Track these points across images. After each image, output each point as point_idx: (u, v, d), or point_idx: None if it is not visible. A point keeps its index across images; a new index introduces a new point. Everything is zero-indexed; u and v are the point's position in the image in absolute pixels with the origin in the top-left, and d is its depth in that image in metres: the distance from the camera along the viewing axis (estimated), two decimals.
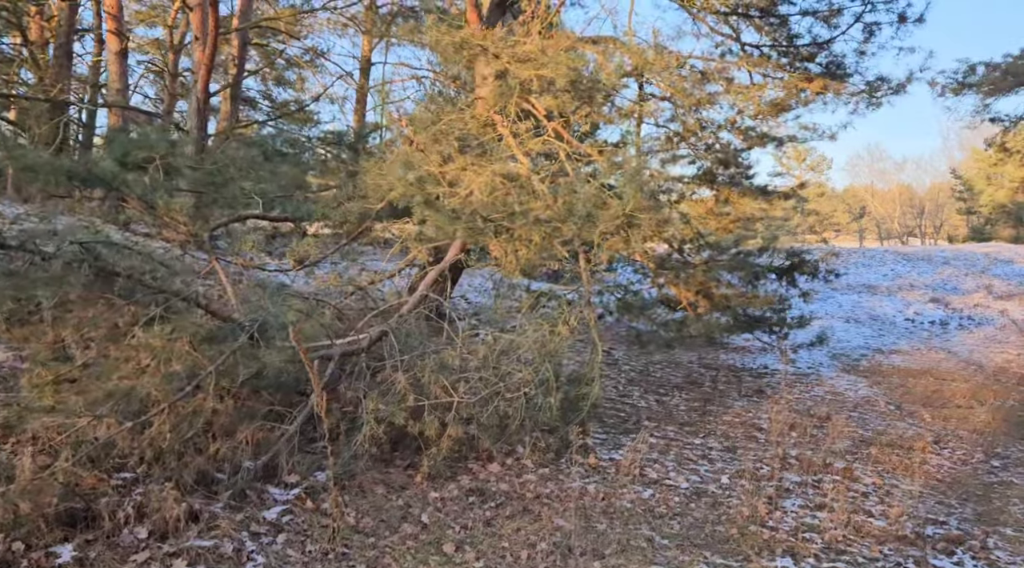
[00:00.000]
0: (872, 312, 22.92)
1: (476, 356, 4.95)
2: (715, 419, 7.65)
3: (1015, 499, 5.45)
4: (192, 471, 3.54)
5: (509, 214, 4.87)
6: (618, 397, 8.26)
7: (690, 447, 6.47)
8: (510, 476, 4.94)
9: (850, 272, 30.68)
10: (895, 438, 7.19)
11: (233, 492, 3.67)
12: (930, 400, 9.64)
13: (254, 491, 3.82)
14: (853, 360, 12.98)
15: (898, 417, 8.39)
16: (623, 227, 4.86)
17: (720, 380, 9.97)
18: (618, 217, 4.71)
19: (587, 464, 5.49)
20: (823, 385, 10.29)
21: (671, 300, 11.44)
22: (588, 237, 4.92)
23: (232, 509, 3.60)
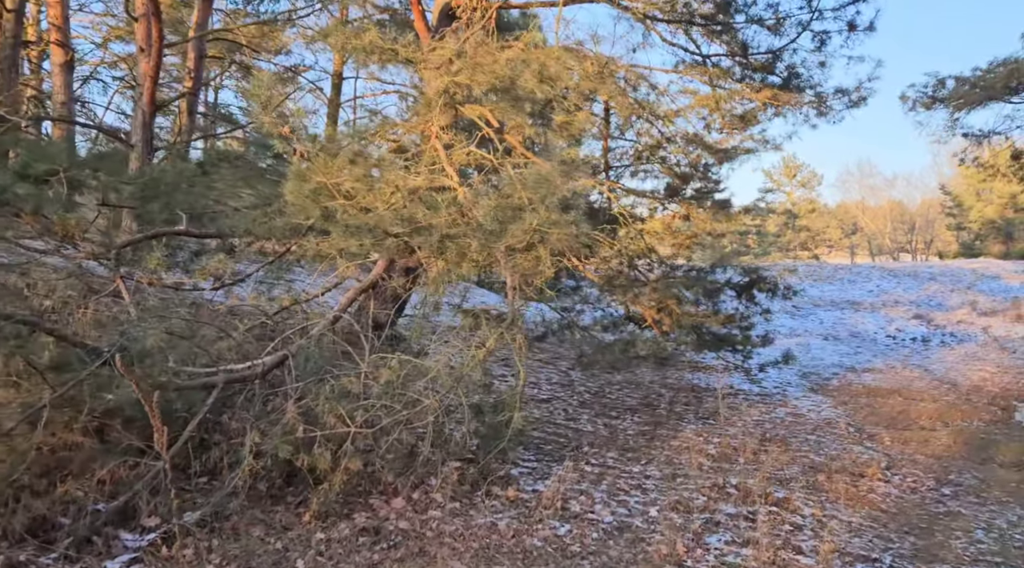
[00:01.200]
0: (853, 329, 22.71)
1: (378, 382, 4.62)
2: (662, 444, 7.33)
3: (959, 532, 5.13)
4: (23, 517, 3.20)
5: (415, 228, 4.57)
6: (564, 421, 7.93)
7: (626, 476, 6.14)
8: (414, 512, 4.60)
9: (835, 288, 30.52)
10: (847, 464, 6.87)
11: (75, 540, 3.33)
12: (894, 421, 9.33)
13: (102, 537, 3.48)
14: (823, 379, 12.68)
15: (856, 440, 8.08)
16: (533, 243, 4.56)
17: (679, 402, 9.65)
18: (526, 232, 4.42)
19: (505, 497, 5.15)
20: (786, 406, 9.97)
21: (635, 318, 11.16)
22: (492, 253, 4.62)
23: (67, 561, 3.26)
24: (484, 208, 4.51)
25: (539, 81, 5.12)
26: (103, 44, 20.69)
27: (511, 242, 4.48)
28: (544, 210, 4.26)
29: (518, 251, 4.62)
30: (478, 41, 5.67)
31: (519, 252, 4.63)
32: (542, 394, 9.07)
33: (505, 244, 4.47)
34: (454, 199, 5.24)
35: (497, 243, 4.44)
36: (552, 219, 4.36)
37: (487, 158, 5.78)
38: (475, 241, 4.47)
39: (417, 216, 4.56)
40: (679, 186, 10.89)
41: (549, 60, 5.07)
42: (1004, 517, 5.44)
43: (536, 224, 4.34)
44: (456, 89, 5.46)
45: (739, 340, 10.46)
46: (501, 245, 4.47)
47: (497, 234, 4.42)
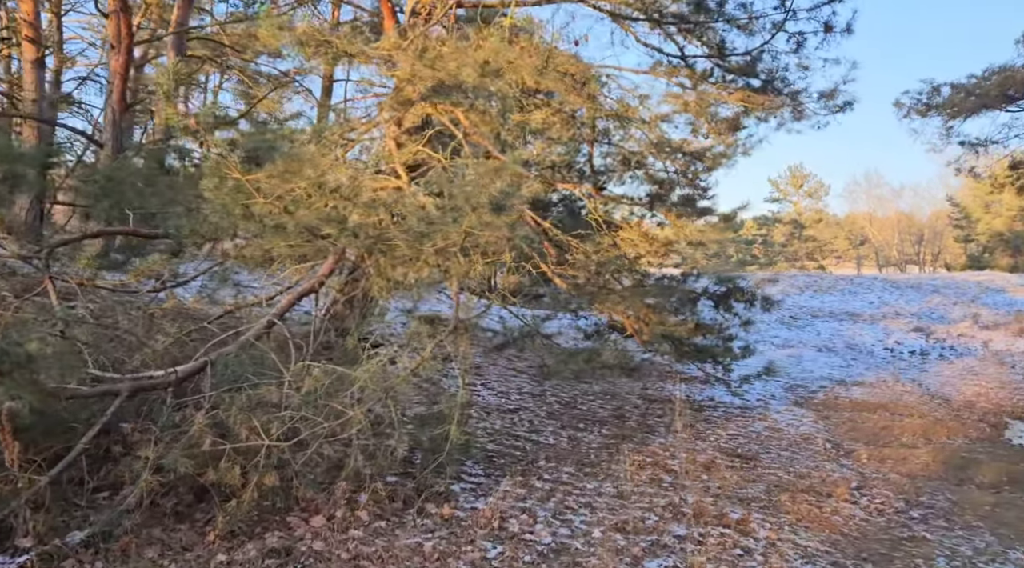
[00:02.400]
0: (850, 341, 22.34)
1: (299, 393, 4.37)
2: (625, 459, 7.03)
3: (919, 559, 4.82)
4: None
5: (343, 230, 4.32)
6: (526, 432, 7.65)
7: (578, 493, 5.86)
8: (333, 532, 4.33)
9: (835, 299, 30.16)
10: (816, 482, 6.57)
11: None
12: (875, 438, 9.01)
13: None
14: (810, 392, 12.36)
15: (831, 457, 7.77)
16: (467, 246, 4.30)
17: (653, 414, 9.35)
18: (458, 234, 4.15)
19: (440, 515, 4.88)
20: (766, 419, 9.66)
21: (617, 327, 10.88)
22: (416, 256, 4.36)
23: None
24: (410, 207, 4.26)
25: (480, 75, 4.87)
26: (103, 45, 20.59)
27: (441, 244, 4.22)
28: (473, 211, 4.00)
29: (452, 254, 4.36)
30: (426, 36, 5.44)
31: (454, 255, 4.37)
32: (509, 404, 8.80)
33: (434, 246, 4.21)
34: (398, 200, 5.00)
35: (424, 244, 4.18)
36: (484, 220, 4.10)
37: (434, 157, 5.53)
38: (402, 243, 4.21)
39: (349, 217, 4.31)
40: (660, 193, 10.63)
41: (490, 54, 4.83)
42: (971, 543, 5.13)
43: (467, 226, 4.08)
44: (407, 85, 5.22)
45: (719, 351, 10.17)
46: (429, 247, 4.21)
47: (425, 236, 4.16)
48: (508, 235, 4.29)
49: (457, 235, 4.15)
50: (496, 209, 4.06)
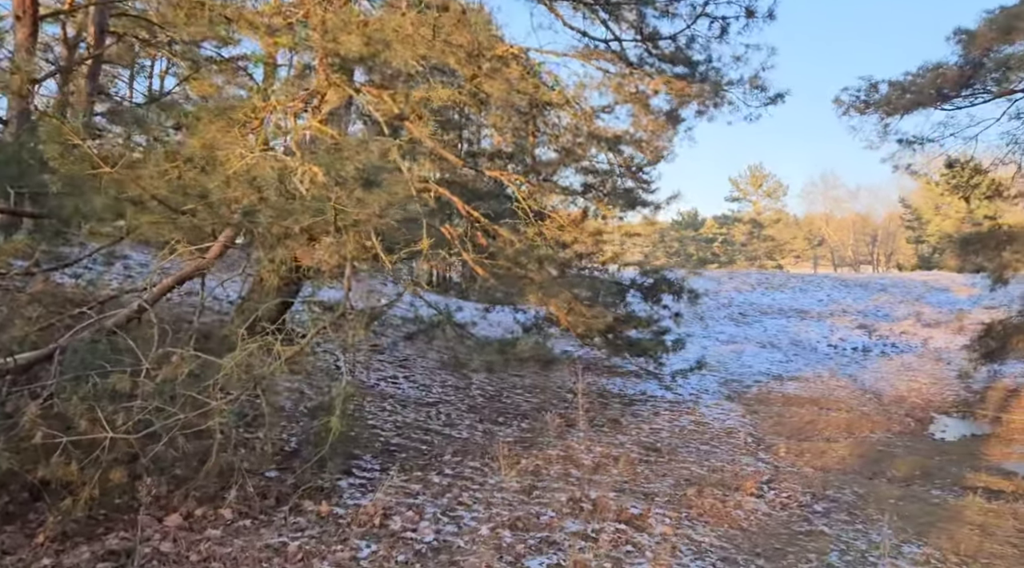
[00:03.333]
0: (796, 337, 22.52)
1: (153, 381, 4.05)
2: (538, 453, 6.83)
3: (813, 554, 4.69)
4: None
5: (208, 206, 4.00)
6: (441, 426, 7.40)
7: (478, 488, 5.63)
8: (189, 532, 4.03)
9: (786, 296, 30.46)
10: (727, 476, 6.43)
11: None
12: (799, 432, 8.96)
13: None
14: (744, 387, 12.32)
15: (750, 451, 7.66)
16: (338, 225, 4.01)
17: (579, 407, 9.17)
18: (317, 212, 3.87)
19: (317, 512, 4.60)
20: (694, 414, 9.55)
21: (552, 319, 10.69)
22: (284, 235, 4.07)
23: None
24: (267, 182, 3.95)
25: (364, 44, 4.59)
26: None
27: (307, 222, 3.94)
28: (337, 189, 3.72)
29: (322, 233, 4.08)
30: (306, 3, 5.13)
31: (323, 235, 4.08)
32: (430, 397, 8.54)
33: (299, 224, 3.92)
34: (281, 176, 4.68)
35: (286, 222, 3.89)
36: (356, 196, 3.82)
37: (325, 132, 5.23)
38: (265, 220, 3.92)
39: (211, 191, 3.99)
40: (593, 183, 10.46)
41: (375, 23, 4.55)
42: (867, 537, 5.02)
43: (335, 203, 3.80)
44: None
45: (650, 345, 10.04)
46: (293, 225, 3.92)
47: (289, 213, 3.88)
48: (377, 213, 4.02)
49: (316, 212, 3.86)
50: (367, 185, 3.79)
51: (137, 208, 4.08)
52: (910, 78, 13.03)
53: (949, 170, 14.97)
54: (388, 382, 8.79)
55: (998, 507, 5.76)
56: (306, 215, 3.90)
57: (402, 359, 9.86)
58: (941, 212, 53.77)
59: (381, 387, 8.49)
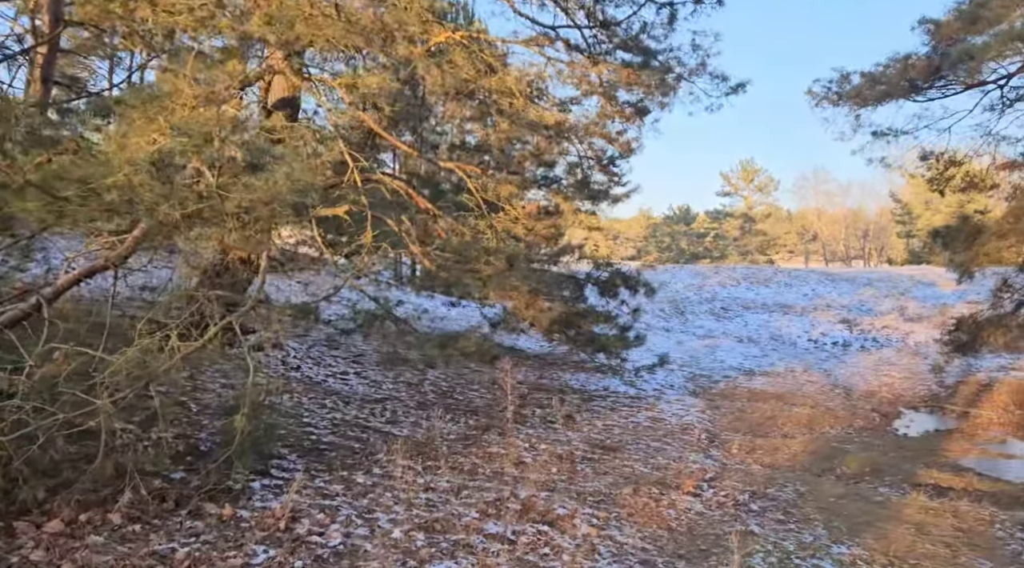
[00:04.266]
0: (776, 332, 22.43)
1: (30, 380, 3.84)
2: (478, 451, 6.66)
3: (737, 556, 4.50)
4: None
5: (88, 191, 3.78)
6: (382, 424, 7.21)
7: (404, 488, 5.43)
8: (68, 540, 3.82)
9: (770, 291, 30.34)
10: (670, 474, 6.26)
11: None
12: (757, 427, 8.80)
13: None
14: (712, 382, 12.15)
15: (701, 448, 7.49)
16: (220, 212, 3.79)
17: (533, 403, 8.99)
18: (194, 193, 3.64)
19: (218, 516, 4.40)
20: (652, 410, 9.39)
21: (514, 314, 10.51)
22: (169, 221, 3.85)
23: None
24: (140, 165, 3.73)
25: (266, 23, 4.38)
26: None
27: (190, 209, 3.72)
28: (208, 167, 3.51)
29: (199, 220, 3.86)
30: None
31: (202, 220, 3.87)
32: (379, 394, 8.34)
33: (177, 211, 3.70)
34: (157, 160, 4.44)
35: (163, 208, 3.67)
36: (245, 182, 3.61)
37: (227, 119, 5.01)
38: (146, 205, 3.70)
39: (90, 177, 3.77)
40: (554, 176, 10.26)
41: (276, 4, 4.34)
42: (798, 538, 4.85)
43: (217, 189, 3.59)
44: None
45: (608, 341, 9.86)
46: (172, 212, 3.70)
47: (165, 198, 3.66)
48: (265, 199, 3.81)
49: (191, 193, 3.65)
50: (253, 168, 3.59)
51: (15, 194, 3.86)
52: (880, 69, 12.87)
53: (923, 162, 14.83)
54: (337, 378, 8.60)
55: (940, 505, 5.60)
56: (190, 201, 3.69)
57: (356, 355, 9.66)
58: (931, 206, 53.60)
59: (329, 383, 8.30)
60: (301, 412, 6.98)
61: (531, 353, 13.08)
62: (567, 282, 9.20)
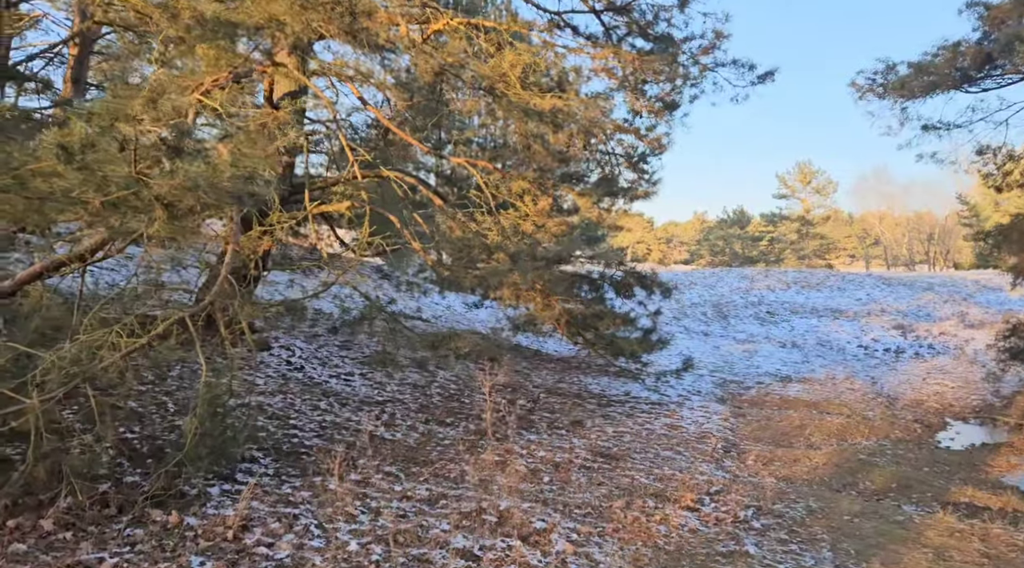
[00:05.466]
0: (824, 337, 21.47)
1: None
2: (472, 458, 6.31)
3: None
4: None
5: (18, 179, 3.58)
6: (376, 427, 6.92)
7: (378, 496, 5.13)
8: None
9: (822, 296, 29.28)
10: (672, 486, 5.81)
11: None
12: (782, 437, 8.22)
13: None
14: (743, 388, 11.54)
15: (714, 458, 6.99)
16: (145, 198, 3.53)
17: (544, 408, 8.60)
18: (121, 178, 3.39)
19: (163, 523, 4.15)
20: (672, 416, 8.89)
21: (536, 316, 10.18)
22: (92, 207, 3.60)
23: None
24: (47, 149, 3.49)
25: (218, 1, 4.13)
26: None
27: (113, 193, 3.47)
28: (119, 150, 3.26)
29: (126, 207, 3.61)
30: None
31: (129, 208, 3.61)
32: (381, 395, 8.06)
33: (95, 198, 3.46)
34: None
35: (76, 193, 3.43)
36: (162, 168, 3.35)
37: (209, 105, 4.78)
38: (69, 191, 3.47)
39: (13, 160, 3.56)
40: (570, 173, 9.86)
41: None
42: (797, 561, 4.35)
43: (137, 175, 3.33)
44: None
45: (626, 343, 9.41)
46: (93, 199, 3.46)
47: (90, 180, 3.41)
48: (187, 185, 3.53)
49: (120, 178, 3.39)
50: (173, 153, 3.33)
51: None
52: (928, 58, 12.08)
53: (979, 157, 13.92)
54: (341, 379, 8.36)
55: (968, 527, 5.00)
56: (114, 188, 3.45)
57: (366, 356, 9.42)
58: (1000, 208, 51.07)
59: (330, 385, 8.06)
60: (290, 413, 6.74)
61: (555, 356, 12.69)
62: (581, 282, 8.79)
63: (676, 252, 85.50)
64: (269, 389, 7.36)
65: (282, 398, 7.16)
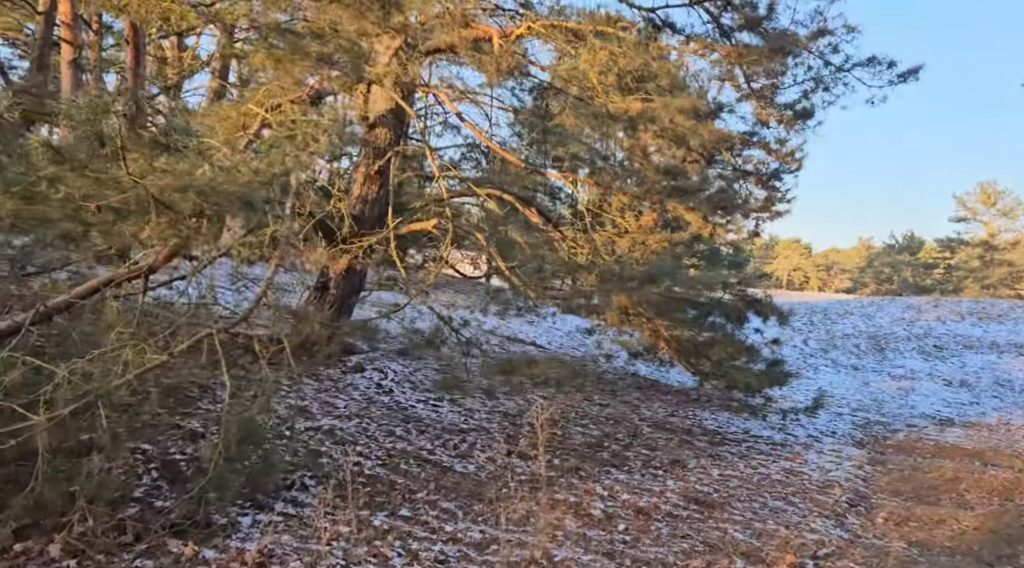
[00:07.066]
0: (1003, 376, 18.79)
1: None
2: (545, 496, 5.71)
3: None
4: None
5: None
6: (451, 457, 6.49)
7: (424, 537, 4.68)
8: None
9: (1004, 329, 26.03)
10: (770, 546, 4.93)
11: None
12: (927, 493, 6.95)
13: None
14: (889, 431, 10.08)
15: (834, 513, 5.96)
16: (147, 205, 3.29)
17: (648, 444, 7.81)
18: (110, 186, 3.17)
19: (177, 555, 3.90)
20: (794, 460, 7.82)
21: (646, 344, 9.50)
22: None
23: None
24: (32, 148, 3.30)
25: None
26: None
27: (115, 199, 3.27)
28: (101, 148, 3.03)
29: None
30: None
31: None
32: (467, 424, 7.64)
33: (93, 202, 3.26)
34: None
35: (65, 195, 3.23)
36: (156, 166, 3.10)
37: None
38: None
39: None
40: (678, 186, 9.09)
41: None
42: None
43: (130, 174, 3.10)
44: None
45: (745, 375, 8.45)
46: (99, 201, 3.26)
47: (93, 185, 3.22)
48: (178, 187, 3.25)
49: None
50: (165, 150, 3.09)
51: None
52: None
53: None
54: (429, 405, 8.03)
55: None
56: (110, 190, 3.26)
57: (460, 382, 9.06)
58: None
59: (416, 410, 7.75)
60: (360, 439, 6.45)
61: (674, 387, 11.76)
62: (682, 305, 7.98)
63: (837, 280, 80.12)
64: (347, 412, 7.13)
65: (357, 422, 6.90)
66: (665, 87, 6.49)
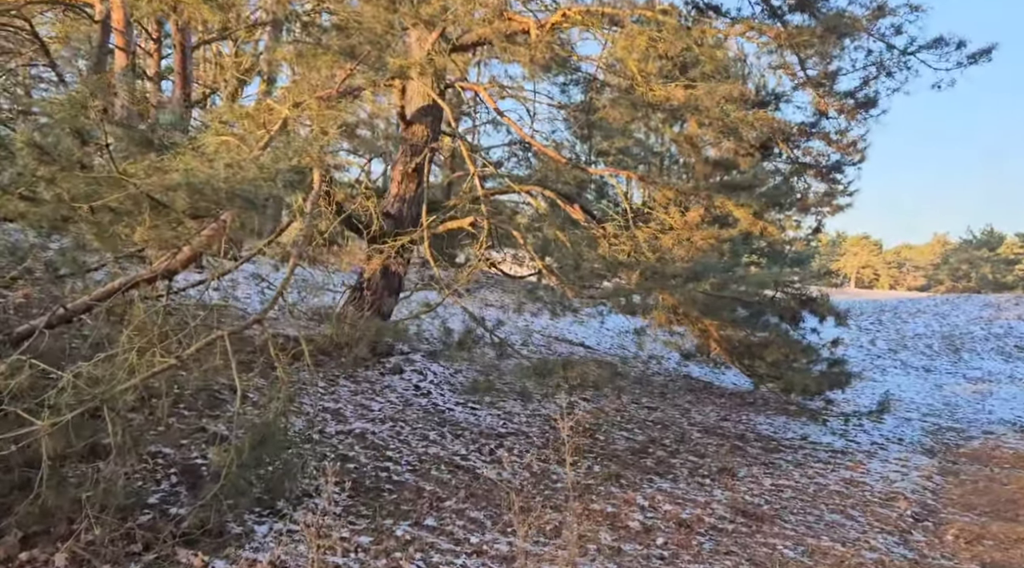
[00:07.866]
0: None
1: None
2: (580, 505, 5.42)
3: None
4: None
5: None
6: (485, 463, 6.25)
7: (447, 548, 4.45)
8: None
9: None
10: (821, 565, 4.52)
11: None
12: (1004, 507, 6.37)
13: None
14: (963, 438, 9.39)
15: (898, 528, 5.48)
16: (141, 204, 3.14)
17: (697, 451, 7.42)
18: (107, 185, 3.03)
19: (185, 565, 3.76)
20: (855, 469, 7.32)
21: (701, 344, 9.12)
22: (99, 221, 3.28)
23: None
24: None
25: None
26: None
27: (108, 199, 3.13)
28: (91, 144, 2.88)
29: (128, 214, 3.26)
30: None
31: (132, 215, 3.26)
32: (505, 428, 7.40)
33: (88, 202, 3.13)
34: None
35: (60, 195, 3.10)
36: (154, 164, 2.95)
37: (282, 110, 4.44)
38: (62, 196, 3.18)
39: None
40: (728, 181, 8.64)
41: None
42: None
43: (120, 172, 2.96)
44: None
45: (802, 378, 7.97)
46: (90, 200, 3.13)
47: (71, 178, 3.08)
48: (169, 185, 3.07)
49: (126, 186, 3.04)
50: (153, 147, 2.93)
51: None
52: None
53: None
54: (467, 407, 7.82)
55: None
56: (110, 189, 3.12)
57: (504, 382, 8.82)
58: None
59: (453, 413, 7.55)
60: (391, 444, 6.27)
61: (728, 390, 11.26)
62: (731, 304, 7.54)
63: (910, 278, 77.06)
64: (381, 415, 6.97)
65: (391, 426, 6.73)
66: (709, 73, 6.09)
